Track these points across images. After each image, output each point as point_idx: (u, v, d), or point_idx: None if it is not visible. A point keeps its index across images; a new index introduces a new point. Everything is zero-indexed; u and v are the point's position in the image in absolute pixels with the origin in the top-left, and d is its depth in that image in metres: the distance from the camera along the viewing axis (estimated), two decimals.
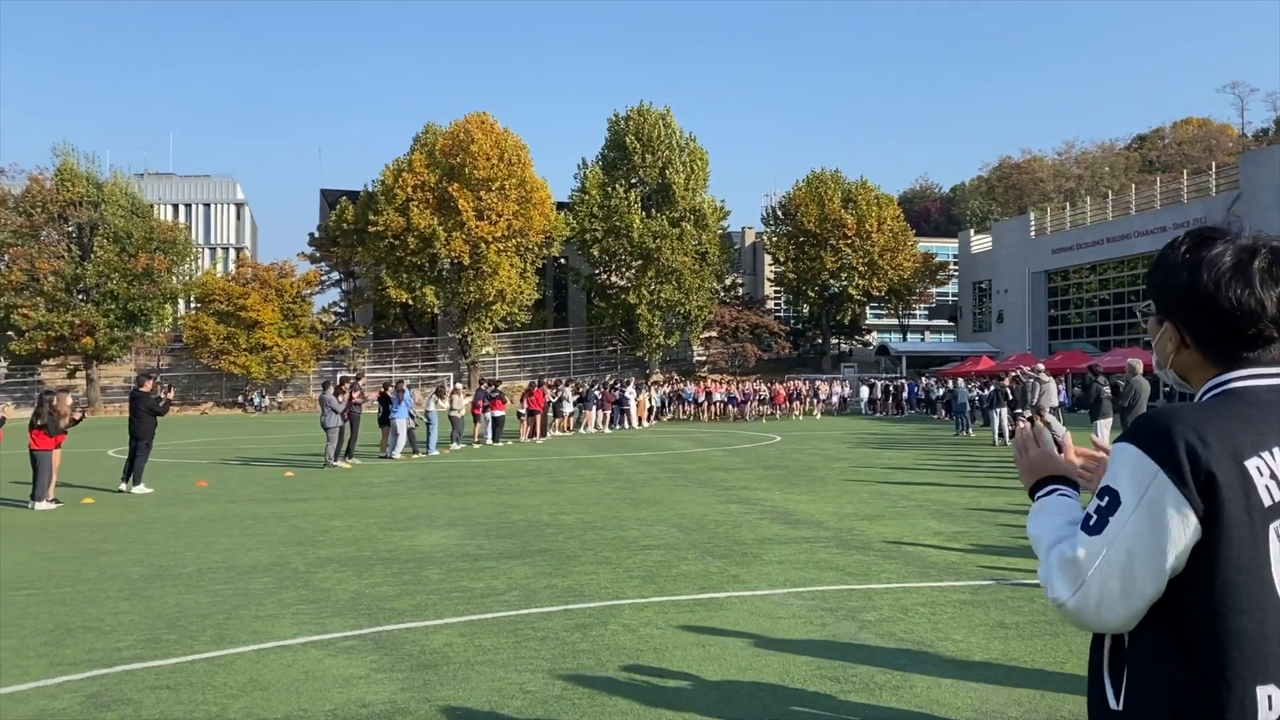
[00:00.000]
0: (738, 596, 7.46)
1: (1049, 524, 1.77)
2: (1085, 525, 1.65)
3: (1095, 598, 1.60)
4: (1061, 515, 1.78)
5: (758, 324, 66.00)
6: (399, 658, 5.89)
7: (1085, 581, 1.61)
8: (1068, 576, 1.63)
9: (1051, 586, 1.65)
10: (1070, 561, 1.63)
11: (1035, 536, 1.79)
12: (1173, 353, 1.79)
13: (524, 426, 27.09)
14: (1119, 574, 1.59)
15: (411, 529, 11.17)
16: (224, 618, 6.99)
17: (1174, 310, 1.77)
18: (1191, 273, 1.72)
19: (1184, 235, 1.80)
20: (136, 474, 15.41)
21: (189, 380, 63.12)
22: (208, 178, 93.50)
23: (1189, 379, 1.81)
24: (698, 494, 14.21)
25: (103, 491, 15.35)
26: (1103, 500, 1.65)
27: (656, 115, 62.40)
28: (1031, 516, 1.85)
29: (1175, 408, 1.65)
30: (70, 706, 5.08)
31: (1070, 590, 1.62)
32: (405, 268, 58.43)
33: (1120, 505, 1.61)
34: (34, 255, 55.61)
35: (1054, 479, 1.89)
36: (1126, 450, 1.63)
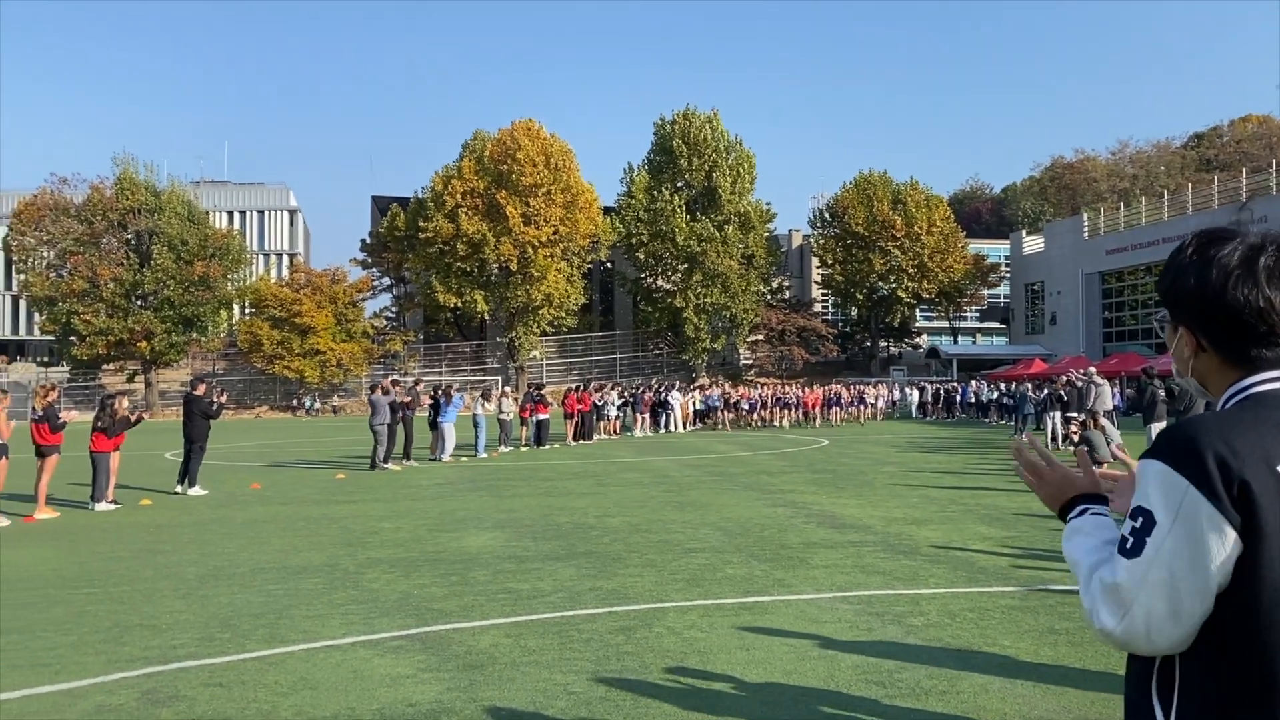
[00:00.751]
0: (783, 600, 7.43)
1: (1085, 546, 1.72)
2: (1122, 549, 1.60)
3: (1143, 623, 1.55)
4: (1097, 535, 1.73)
5: (805, 327, 65.63)
6: (445, 658, 5.95)
7: (1131, 608, 1.56)
8: (1111, 604, 1.58)
9: (1097, 616, 1.60)
10: (1112, 589, 1.58)
11: (1073, 561, 1.73)
12: (1190, 357, 1.76)
13: (568, 428, 27.20)
14: (1164, 596, 1.54)
15: (459, 531, 11.28)
16: (275, 617, 7.11)
17: (1186, 313, 1.74)
18: (1199, 274, 1.69)
19: (1191, 237, 1.77)
20: (191, 476, 15.72)
21: (244, 384, 64.29)
22: (261, 185, 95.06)
23: (1208, 384, 1.76)
24: (743, 497, 14.17)
25: (160, 493, 15.69)
26: (1136, 521, 1.59)
27: (703, 119, 62.36)
28: (1066, 539, 1.79)
29: (1200, 418, 1.61)
30: (127, 702, 5.20)
31: (1117, 619, 1.57)
32: (454, 273, 59.02)
33: (1155, 525, 1.56)
34: (95, 262, 57.02)
35: (1081, 498, 1.83)
36: (1153, 467, 1.59)
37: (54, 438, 13.50)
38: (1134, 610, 1.56)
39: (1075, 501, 1.83)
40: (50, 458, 13.38)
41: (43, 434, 13.45)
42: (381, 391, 20.17)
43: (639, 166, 63.68)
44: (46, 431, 13.47)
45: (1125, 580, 1.57)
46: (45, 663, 5.98)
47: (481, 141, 61.33)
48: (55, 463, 13.52)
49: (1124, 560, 1.58)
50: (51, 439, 13.46)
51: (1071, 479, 1.87)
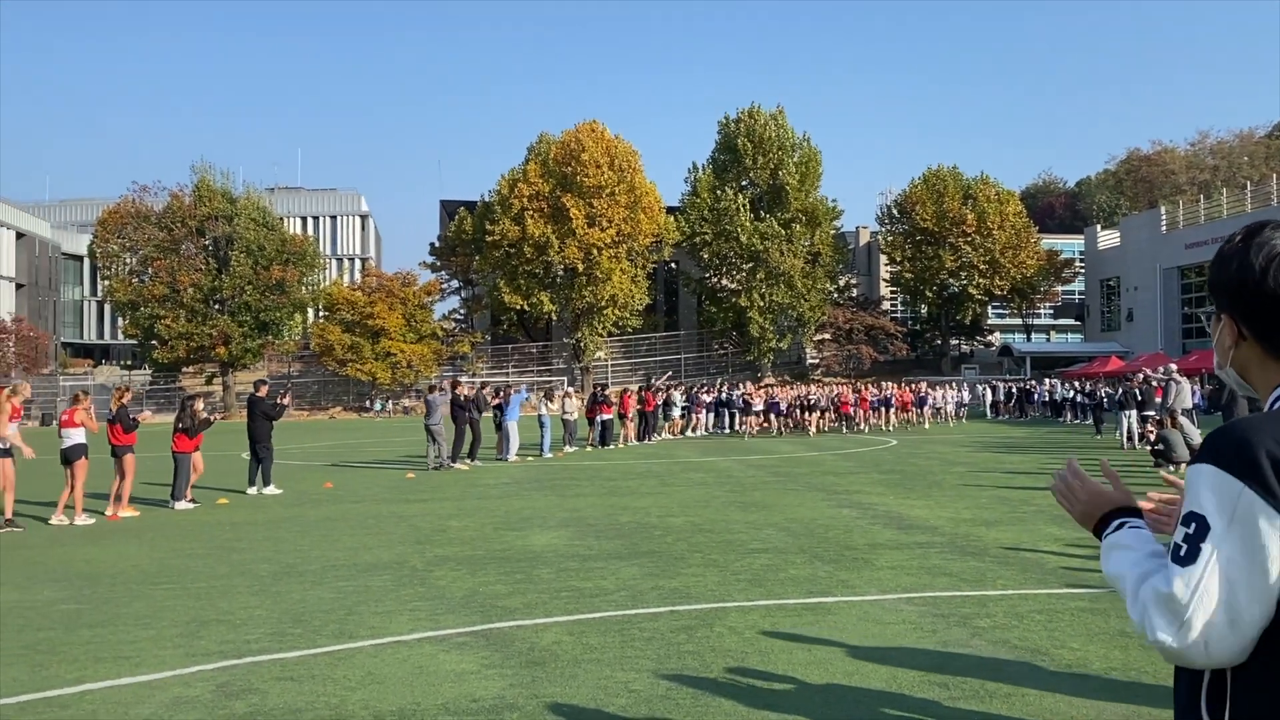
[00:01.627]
0: (846, 601, 7.38)
1: (1129, 559, 1.65)
2: (1175, 556, 1.53)
3: (1201, 634, 1.48)
4: (1140, 549, 1.66)
5: (873, 325, 64.89)
6: (509, 654, 6.03)
7: (1188, 619, 1.48)
8: (1167, 615, 1.50)
9: (1150, 628, 1.52)
10: (1166, 599, 1.50)
11: (1116, 575, 1.66)
12: (1231, 347, 1.71)
13: (625, 428, 27.17)
14: (1223, 605, 1.47)
15: (524, 529, 11.40)
16: (345, 613, 7.27)
17: (1227, 301, 1.70)
18: (1241, 261, 1.66)
19: (1243, 227, 1.73)
20: (265, 476, 16.10)
21: (317, 386, 65.72)
22: (334, 191, 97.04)
23: (1249, 376, 1.72)
24: (808, 498, 14.08)
25: (236, 492, 16.11)
26: (1189, 527, 1.53)
27: (768, 116, 62.04)
28: (1104, 556, 1.72)
29: (1249, 418, 1.56)
30: (203, 695, 5.37)
31: (1173, 631, 1.49)
32: (521, 275, 59.57)
33: (1210, 530, 1.49)
34: (175, 268, 58.75)
35: (1115, 513, 1.77)
36: (1204, 470, 1.53)
37: (127, 438, 13.93)
38: (1192, 621, 1.48)
39: (1110, 517, 1.77)
40: (126, 457, 13.79)
41: (116, 434, 13.90)
42: (438, 391, 20.50)
43: (703, 165, 63.60)
44: (120, 432, 13.91)
45: (1180, 589, 1.49)
46: (126, 655, 6.20)
47: (546, 144, 61.83)
48: (133, 462, 13.94)
49: (1177, 568, 1.51)
50: (125, 439, 13.89)
51: (1103, 494, 1.81)
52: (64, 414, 13.71)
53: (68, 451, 13.07)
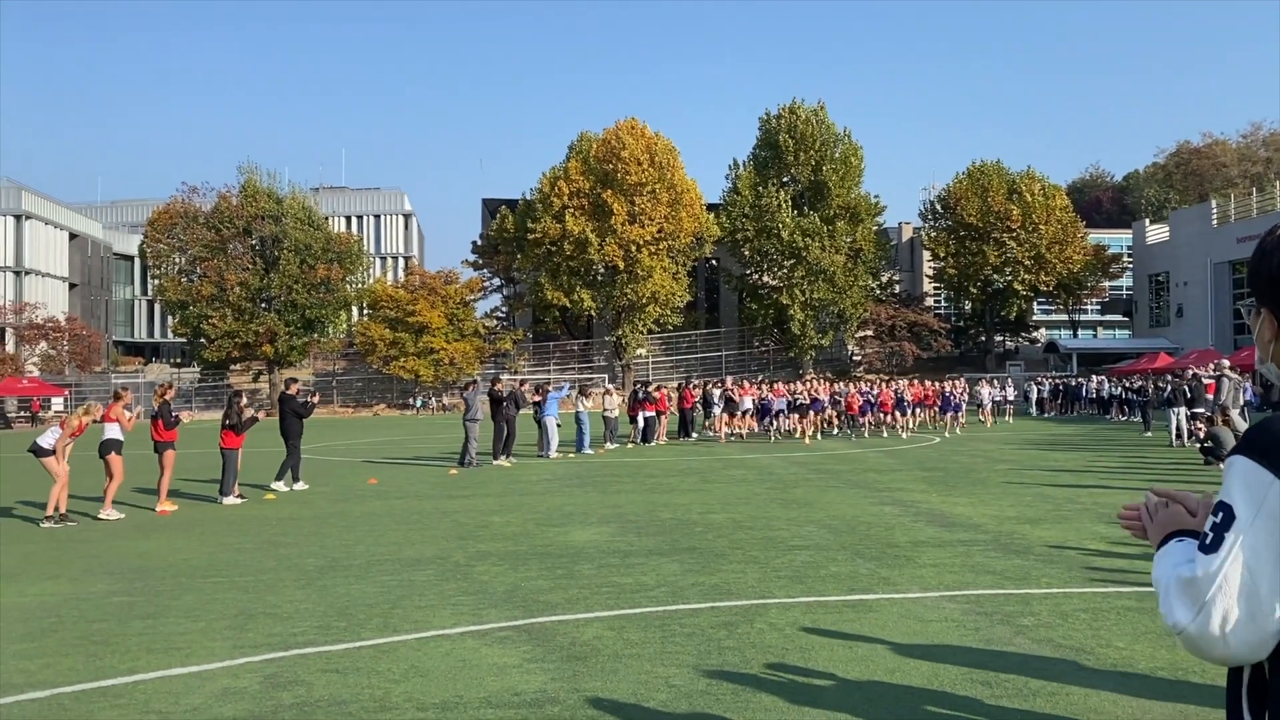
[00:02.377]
0: (888, 599, 7.34)
1: (1169, 563, 1.66)
2: (1201, 545, 1.53)
3: (1219, 621, 1.47)
4: (1183, 555, 1.66)
5: (916, 322, 64.29)
6: (550, 649, 6.08)
7: (1206, 604, 1.48)
8: (1186, 599, 1.50)
9: (1170, 611, 1.52)
10: (1188, 583, 1.50)
11: (1156, 579, 1.66)
12: (1271, 340, 1.68)
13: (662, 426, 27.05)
14: (1244, 595, 1.46)
15: (565, 525, 11.47)
16: (389, 607, 7.37)
17: (1266, 294, 1.68)
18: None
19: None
20: (294, 472, 16.26)
21: (361, 384, 66.47)
22: (377, 190, 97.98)
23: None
24: (850, 495, 14.01)
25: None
26: (1217, 516, 1.53)
27: (809, 112, 61.70)
28: (1154, 565, 1.73)
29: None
30: (251, 686, 5.47)
31: (1191, 614, 1.49)
32: (562, 272, 59.81)
33: (1235, 520, 1.49)
34: (223, 267, 59.71)
35: (1179, 533, 1.76)
36: (1238, 462, 1.53)
37: (168, 434, 14.17)
38: (1210, 607, 1.48)
39: (1171, 535, 1.77)
40: (166, 453, 14.04)
41: (158, 430, 14.16)
42: (474, 388, 20.72)
43: (744, 162, 63.40)
44: (161, 428, 14.17)
45: (1201, 574, 1.50)
46: (177, 646, 6.33)
47: (587, 142, 61.99)
48: (173, 458, 14.17)
49: (1202, 555, 1.52)
50: (166, 435, 14.13)
51: (1179, 517, 1.79)
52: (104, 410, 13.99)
53: (100, 446, 13.29)
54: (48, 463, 12.63)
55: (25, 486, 16.57)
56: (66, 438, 12.78)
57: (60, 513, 12.50)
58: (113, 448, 13.23)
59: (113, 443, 13.24)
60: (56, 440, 12.73)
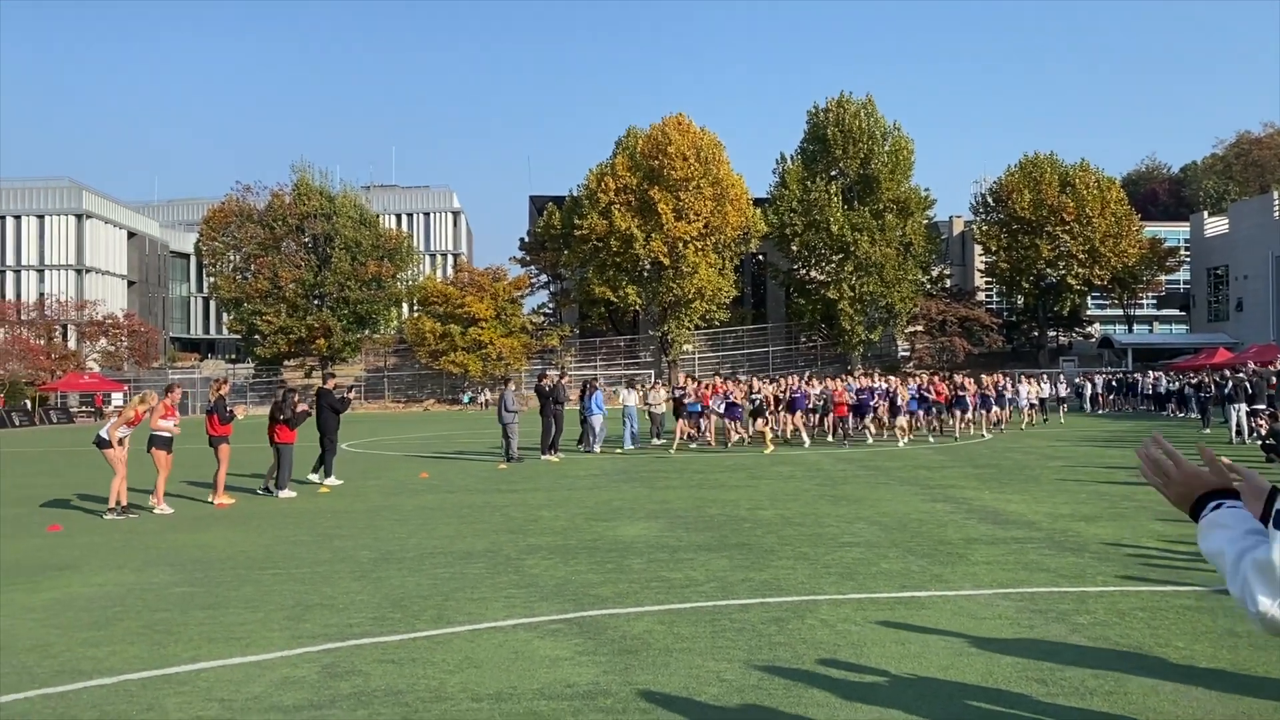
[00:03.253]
0: (940, 596, 7.29)
1: (1226, 536, 1.61)
2: (1277, 523, 1.50)
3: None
4: (1238, 527, 1.62)
5: (967, 317, 63.51)
6: (601, 642, 6.12)
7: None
8: (1267, 583, 1.46)
9: (1251, 598, 1.48)
10: (1266, 566, 1.46)
11: (1215, 553, 1.62)
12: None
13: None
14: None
15: (614, 520, 11.52)
16: (442, 599, 7.46)
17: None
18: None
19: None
20: (327, 467, 16.43)
21: (412, 379, 67.25)
22: (427, 188, 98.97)
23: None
24: (900, 492, 13.91)
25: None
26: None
27: (857, 105, 61.20)
28: (1202, 535, 1.69)
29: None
30: (309, 675, 5.58)
31: (1274, 597, 1.46)
32: (609, 268, 59.95)
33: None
34: (276, 265, 60.70)
35: (1213, 494, 1.73)
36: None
37: (223, 429, 14.43)
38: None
39: (1206, 498, 1.73)
40: (221, 447, 14.30)
41: (213, 425, 14.44)
42: (510, 385, 20.97)
43: (791, 156, 63.06)
44: (216, 423, 14.44)
45: (1278, 556, 1.47)
46: (236, 636, 6.47)
47: (634, 138, 62.05)
48: (228, 452, 14.43)
49: (1278, 534, 1.49)
50: (220, 430, 14.39)
51: (1201, 475, 1.77)
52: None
53: (148, 440, 13.53)
54: (108, 454, 12.93)
55: (88, 479, 16.98)
56: (122, 425, 13.06)
57: (121, 504, 12.80)
58: (158, 443, 13.44)
59: (159, 439, 13.45)
60: (111, 429, 13.03)
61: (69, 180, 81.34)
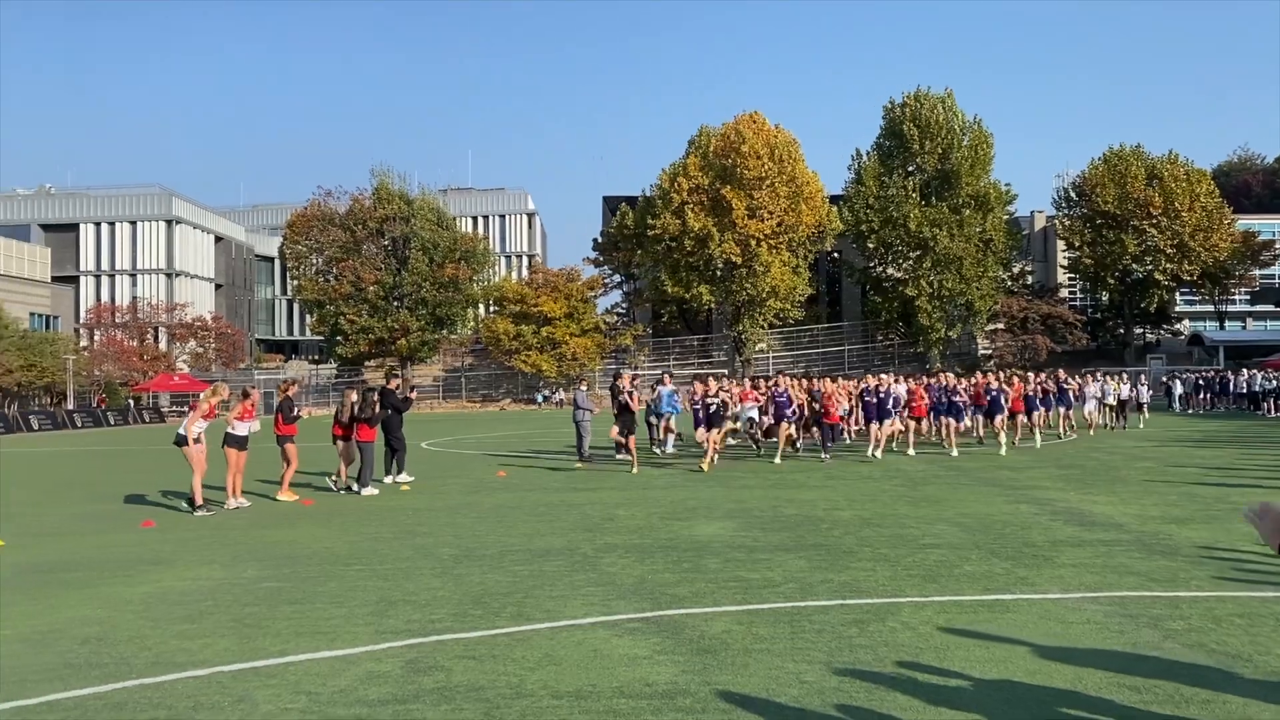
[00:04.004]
0: (1026, 599, 7.13)
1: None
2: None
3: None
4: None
5: (1050, 314, 62.05)
6: (680, 641, 6.12)
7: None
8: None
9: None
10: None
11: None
12: None
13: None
14: None
15: (690, 519, 11.51)
16: (522, 596, 7.54)
17: None
18: None
19: None
20: (399, 464, 16.65)
21: (488, 378, 68.13)
22: (502, 190, 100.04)
23: None
24: (982, 493, 13.64)
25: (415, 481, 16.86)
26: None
27: (935, 100, 60.22)
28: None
29: None
30: (393, 670, 5.68)
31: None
32: (681, 268, 59.94)
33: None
34: (358, 267, 62.02)
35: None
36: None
37: (288, 428, 14.76)
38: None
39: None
40: (288, 446, 14.61)
41: (279, 424, 14.79)
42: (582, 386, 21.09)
43: (867, 152, 62.31)
44: (281, 422, 14.78)
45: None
46: (322, 631, 6.62)
47: (707, 137, 61.94)
48: (294, 451, 14.74)
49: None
50: (286, 429, 14.72)
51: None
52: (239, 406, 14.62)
53: (222, 438, 13.91)
54: (187, 451, 13.33)
55: (177, 477, 17.53)
56: (197, 420, 13.46)
57: (199, 501, 13.20)
58: (233, 442, 13.78)
59: (235, 438, 13.80)
60: (188, 424, 13.45)
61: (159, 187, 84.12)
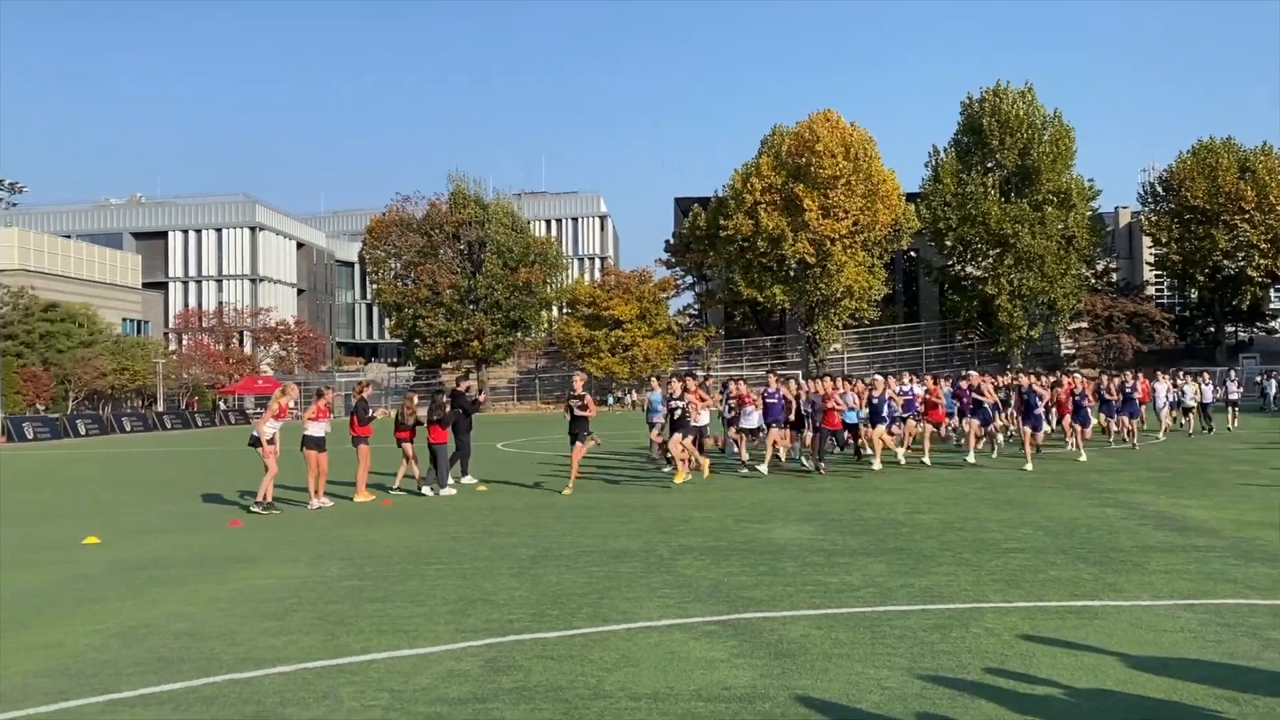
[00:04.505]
0: (1114, 606, 6.91)
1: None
2: None
3: None
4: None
5: (1135, 312, 60.25)
6: (757, 645, 6.07)
7: None
8: None
9: None
10: None
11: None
12: None
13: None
14: None
15: (766, 522, 11.42)
16: (598, 597, 7.55)
17: None
18: None
19: None
20: (464, 466, 16.78)
21: (561, 380, 68.59)
22: (575, 194, 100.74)
23: None
24: (1067, 496, 13.29)
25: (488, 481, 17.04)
26: None
27: (1015, 94, 58.94)
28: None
29: None
30: (473, 669, 5.74)
31: None
32: (754, 268, 59.64)
33: None
34: (435, 271, 63.04)
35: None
36: None
37: (363, 429, 14.99)
38: None
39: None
40: (361, 447, 14.84)
41: (353, 425, 15.03)
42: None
43: (944, 149, 61.27)
44: (356, 423, 15.03)
45: None
46: (403, 629, 6.72)
47: (780, 136, 61.55)
48: (367, 452, 14.94)
49: None
50: (361, 430, 14.96)
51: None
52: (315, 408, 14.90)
53: (301, 440, 14.17)
54: (261, 452, 13.66)
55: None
56: (269, 420, 13.79)
57: (267, 500, 13.52)
58: (311, 444, 14.04)
59: (312, 439, 14.06)
60: (261, 425, 13.79)
61: (244, 195, 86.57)
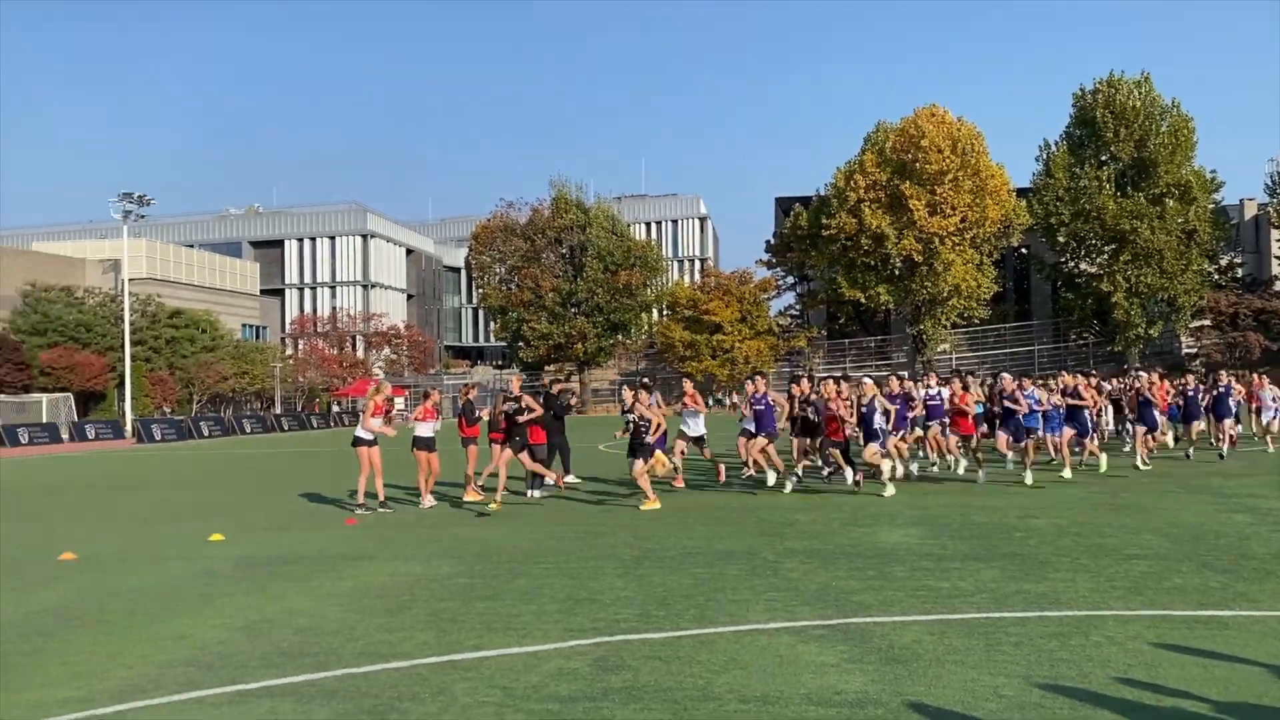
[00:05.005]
0: (1247, 616, 6.60)
1: None
2: None
3: None
4: None
5: (1263, 309, 57.35)
6: (868, 650, 5.98)
7: None
8: None
9: None
10: None
11: None
12: None
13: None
14: None
15: (872, 525, 11.24)
16: (704, 599, 7.55)
17: None
18: None
19: None
20: (565, 465, 16.85)
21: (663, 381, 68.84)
22: (674, 196, 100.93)
23: None
24: (1190, 500, 12.73)
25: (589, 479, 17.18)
26: None
27: (1130, 85, 56.78)
28: None
29: None
30: (582, 668, 5.79)
31: None
32: (858, 268, 58.80)
33: None
34: (538, 275, 64.04)
35: None
36: None
37: (471, 430, 15.22)
38: None
39: None
40: (470, 448, 15.07)
41: (462, 427, 15.29)
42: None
43: (1056, 142, 59.38)
44: (464, 424, 15.29)
45: None
46: (513, 627, 6.83)
47: (883, 133, 60.57)
48: (475, 453, 15.14)
49: None
50: (469, 431, 15.19)
51: None
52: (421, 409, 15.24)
53: (411, 441, 14.49)
54: (361, 452, 13.99)
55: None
56: (369, 419, 14.14)
57: (380, 500, 13.87)
58: (421, 444, 14.33)
59: (422, 440, 14.36)
60: (363, 425, 14.14)
61: (355, 203, 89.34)
